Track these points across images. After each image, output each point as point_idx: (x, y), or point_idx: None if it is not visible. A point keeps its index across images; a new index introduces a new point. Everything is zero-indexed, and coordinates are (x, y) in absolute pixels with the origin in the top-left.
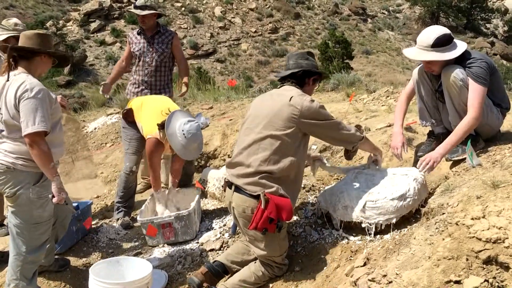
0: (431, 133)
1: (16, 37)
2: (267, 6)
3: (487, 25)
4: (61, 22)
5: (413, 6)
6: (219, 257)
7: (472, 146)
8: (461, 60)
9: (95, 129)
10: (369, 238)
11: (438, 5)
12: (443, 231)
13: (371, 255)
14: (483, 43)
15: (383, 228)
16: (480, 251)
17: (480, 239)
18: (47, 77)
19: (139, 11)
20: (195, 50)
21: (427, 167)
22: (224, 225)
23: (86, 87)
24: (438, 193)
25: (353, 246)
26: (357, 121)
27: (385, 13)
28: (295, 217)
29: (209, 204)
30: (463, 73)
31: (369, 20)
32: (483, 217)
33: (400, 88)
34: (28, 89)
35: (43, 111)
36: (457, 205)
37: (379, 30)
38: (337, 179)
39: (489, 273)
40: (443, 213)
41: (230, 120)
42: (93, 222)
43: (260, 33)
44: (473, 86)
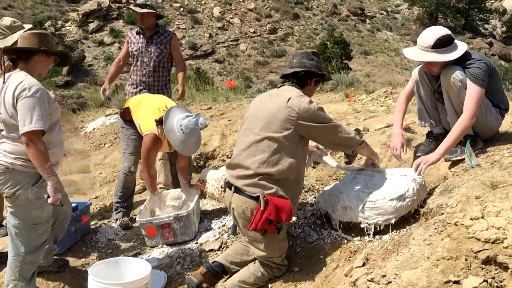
0: (430, 134)
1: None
2: (266, 7)
3: (485, 25)
4: (59, 22)
5: (412, 7)
6: (218, 257)
7: (471, 146)
8: (461, 61)
9: (93, 129)
10: (368, 239)
11: (436, 6)
12: (442, 231)
13: (370, 256)
14: (482, 43)
15: (382, 228)
16: (479, 251)
17: (479, 240)
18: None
19: (138, 9)
20: (194, 51)
21: (419, 169)
22: (223, 225)
23: (84, 88)
24: (437, 193)
25: (352, 247)
26: (356, 122)
27: (383, 14)
28: (294, 218)
29: (208, 205)
30: (462, 74)
31: (368, 21)
32: (482, 217)
33: (398, 89)
34: (26, 88)
35: (41, 110)
36: (456, 205)
37: (378, 30)
38: (336, 179)
39: (488, 273)
40: (442, 214)
41: (229, 120)
42: (92, 223)
43: (259, 33)
44: (470, 87)
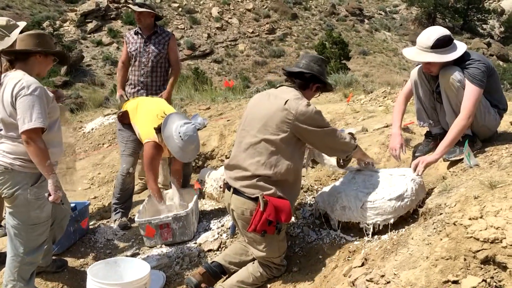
0: (428, 134)
1: None
2: (264, 7)
3: (483, 26)
4: (58, 22)
5: (410, 7)
6: (217, 257)
7: (469, 146)
8: (460, 61)
9: (92, 129)
10: (367, 239)
11: (434, 6)
12: (440, 231)
13: (369, 256)
14: (480, 44)
15: (381, 228)
16: (478, 251)
17: (477, 239)
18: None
19: (136, 8)
20: (192, 51)
21: (417, 169)
22: (222, 225)
23: (83, 88)
24: (435, 193)
25: (351, 247)
26: (354, 122)
27: (382, 14)
28: (293, 218)
29: (206, 205)
30: (461, 74)
31: (366, 21)
32: (481, 217)
33: (397, 89)
34: (24, 87)
35: (40, 108)
36: (454, 205)
37: (376, 30)
38: (335, 179)
39: (486, 273)
40: (440, 213)
41: (227, 120)
42: (90, 223)
43: (257, 33)
44: (468, 87)
